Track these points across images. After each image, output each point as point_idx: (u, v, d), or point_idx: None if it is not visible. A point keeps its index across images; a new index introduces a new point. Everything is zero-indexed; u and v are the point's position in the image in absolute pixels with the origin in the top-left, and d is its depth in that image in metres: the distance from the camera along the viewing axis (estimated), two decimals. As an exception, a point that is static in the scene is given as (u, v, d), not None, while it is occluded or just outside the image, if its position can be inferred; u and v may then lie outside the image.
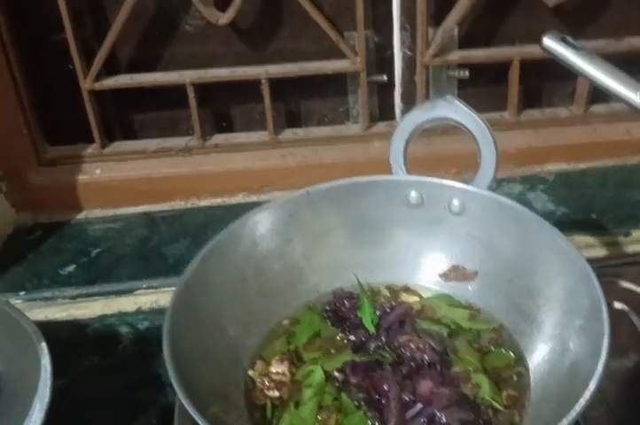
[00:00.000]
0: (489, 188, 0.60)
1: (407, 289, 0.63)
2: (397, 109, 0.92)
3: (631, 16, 0.88)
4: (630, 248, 0.79)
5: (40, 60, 0.84)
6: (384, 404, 0.52)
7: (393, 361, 0.55)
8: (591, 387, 0.44)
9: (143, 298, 0.76)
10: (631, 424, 0.59)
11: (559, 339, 0.53)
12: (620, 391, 0.60)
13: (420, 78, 0.87)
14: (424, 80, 0.88)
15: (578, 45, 0.59)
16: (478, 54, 0.88)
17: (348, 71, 0.87)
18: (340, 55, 0.86)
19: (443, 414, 0.51)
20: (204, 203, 0.90)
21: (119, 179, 0.88)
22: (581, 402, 0.44)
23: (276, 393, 0.54)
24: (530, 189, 0.89)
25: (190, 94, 0.85)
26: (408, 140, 0.61)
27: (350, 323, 0.59)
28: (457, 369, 0.54)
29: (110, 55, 0.82)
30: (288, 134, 0.91)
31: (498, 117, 0.93)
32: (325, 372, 0.55)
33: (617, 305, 0.66)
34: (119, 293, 0.77)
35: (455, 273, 0.62)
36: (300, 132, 0.91)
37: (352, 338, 0.58)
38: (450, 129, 0.65)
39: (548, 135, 0.92)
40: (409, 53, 0.87)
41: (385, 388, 0.52)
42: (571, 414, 0.43)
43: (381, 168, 0.89)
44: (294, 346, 0.58)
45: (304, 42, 0.86)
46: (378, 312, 0.59)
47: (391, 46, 0.88)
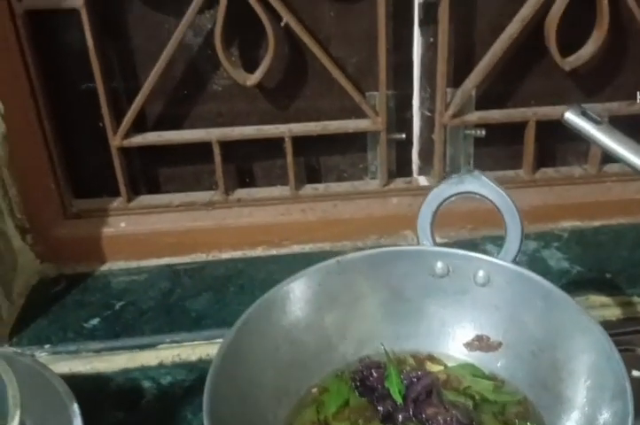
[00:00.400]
0: (515, 261, 0.61)
1: (431, 357, 0.64)
2: (414, 166, 0.94)
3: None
4: (645, 309, 0.80)
5: (70, 116, 0.86)
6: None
7: (421, 434, 0.56)
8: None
9: (165, 353, 0.77)
10: None
11: (584, 415, 0.54)
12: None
13: (439, 137, 0.89)
14: (442, 139, 0.90)
15: (598, 119, 0.61)
16: (495, 115, 0.90)
17: (369, 130, 0.89)
18: (361, 114, 0.88)
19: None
20: (225, 255, 0.91)
21: (143, 232, 0.89)
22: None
23: (307, 463, 0.55)
24: (545, 247, 0.90)
25: (215, 150, 0.86)
26: (435, 212, 0.63)
27: (378, 394, 0.59)
28: (485, 442, 0.55)
29: (139, 112, 0.84)
30: (308, 189, 0.93)
31: (513, 175, 0.94)
32: (354, 443, 0.56)
33: (635, 373, 0.67)
34: (142, 347, 0.78)
35: (479, 343, 0.63)
36: (320, 187, 0.93)
37: (380, 409, 0.59)
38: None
39: (562, 193, 0.94)
40: (427, 113, 0.89)
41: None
42: None
43: (398, 223, 0.91)
44: (324, 416, 0.59)
45: (327, 102, 0.88)
46: (404, 381, 0.60)
47: (410, 106, 0.90)
